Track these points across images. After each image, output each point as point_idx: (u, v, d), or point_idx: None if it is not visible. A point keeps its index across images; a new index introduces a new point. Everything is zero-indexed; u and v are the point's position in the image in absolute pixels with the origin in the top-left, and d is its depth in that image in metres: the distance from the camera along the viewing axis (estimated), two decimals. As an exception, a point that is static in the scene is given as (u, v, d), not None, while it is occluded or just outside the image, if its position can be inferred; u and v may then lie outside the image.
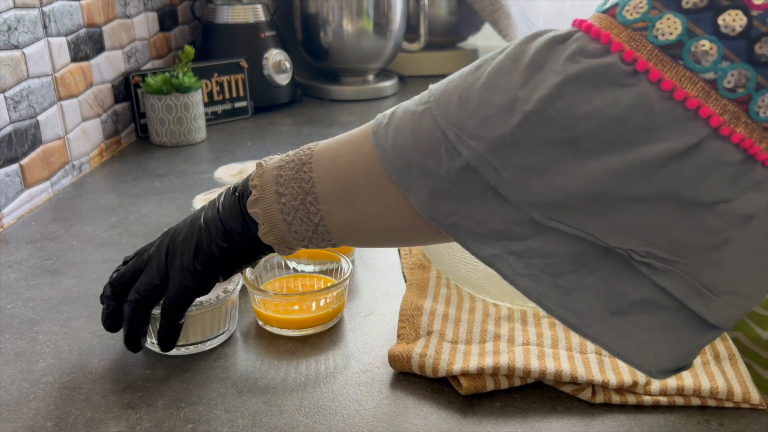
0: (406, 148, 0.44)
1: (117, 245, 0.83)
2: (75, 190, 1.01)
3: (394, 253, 0.80)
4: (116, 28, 1.18)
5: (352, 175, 0.47)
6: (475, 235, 0.42)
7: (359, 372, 0.59)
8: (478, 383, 0.55)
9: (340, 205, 0.48)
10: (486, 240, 0.42)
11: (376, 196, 0.46)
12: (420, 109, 0.44)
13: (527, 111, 0.38)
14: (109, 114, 1.16)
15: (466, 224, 0.43)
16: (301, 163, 0.49)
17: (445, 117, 0.42)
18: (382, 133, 0.45)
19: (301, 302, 0.65)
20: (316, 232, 0.49)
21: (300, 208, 0.49)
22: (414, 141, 0.43)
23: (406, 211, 0.45)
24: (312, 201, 0.48)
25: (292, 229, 0.50)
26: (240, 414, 0.53)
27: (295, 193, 0.49)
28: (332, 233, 0.49)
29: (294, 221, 0.49)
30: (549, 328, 0.61)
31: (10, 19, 0.87)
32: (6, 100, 0.87)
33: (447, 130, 0.42)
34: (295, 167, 0.49)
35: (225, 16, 1.39)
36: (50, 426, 0.52)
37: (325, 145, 0.50)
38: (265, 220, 0.50)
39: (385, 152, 0.45)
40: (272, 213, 0.50)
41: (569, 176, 0.38)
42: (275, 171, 0.50)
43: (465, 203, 0.42)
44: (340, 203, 0.47)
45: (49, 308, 0.69)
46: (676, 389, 0.54)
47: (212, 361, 0.60)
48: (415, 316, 0.63)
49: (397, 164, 0.44)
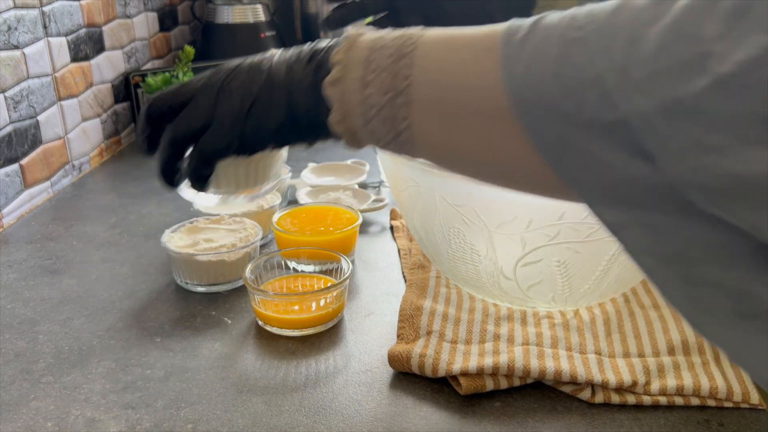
0: (542, 79, 0.35)
1: (117, 245, 0.83)
2: (75, 190, 1.01)
3: (394, 253, 0.80)
4: (116, 28, 1.18)
5: (462, 90, 0.39)
6: (604, 196, 0.36)
7: (359, 372, 0.59)
8: (478, 383, 0.55)
9: (436, 121, 0.40)
10: (616, 204, 0.36)
11: (486, 123, 0.38)
12: (572, 35, 0.35)
13: (721, 73, 0.30)
14: (109, 114, 1.16)
15: (595, 182, 0.36)
16: (399, 54, 0.40)
17: (606, 55, 0.34)
18: (514, 50, 0.37)
19: (301, 302, 0.65)
20: (397, 140, 0.42)
21: (386, 108, 0.41)
22: (555, 74, 0.35)
23: (519, 149, 0.38)
24: (403, 104, 0.40)
25: (368, 127, 0.42)
26: (240, 414, 0.53)
27: (385, 89, 0.41)
28: (416, 147, 0.42)
29: (374, 119, 0.41)
30: (549, 328, 0.61)
31: (10, 19, 0.88)
32: (6, 100, 0.87)
33: (606, 72, 0.33)
34: (391, 56, 0.41)
35: (225, 16, 1.39)
36: (50, 426, 0.52)
37: (433, 40, 0.40)
38: (341, 106, 0.42)
39: (512, 76, 0.36)
40: (352, 102, 0.42)
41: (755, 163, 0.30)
42: (365, 53, 0.42)
43: (602, 162, 0.35)
44: (438, 118, 0.40)
45: (49, 308, 0.69)
46: (676, 389, 0.54)
47: (212, 361, 0.60)
48: (415, 316, 0.63)
49: (525, 94, 0.36)
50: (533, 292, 0.61)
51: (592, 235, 0.55)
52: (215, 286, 0.72)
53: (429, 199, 0.59)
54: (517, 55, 0.36)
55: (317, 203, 0.85)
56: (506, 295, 0.63)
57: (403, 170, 0.60)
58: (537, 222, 0.55)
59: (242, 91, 0.46)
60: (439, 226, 0.60)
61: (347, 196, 0.90)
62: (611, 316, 0.63)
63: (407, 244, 0.80)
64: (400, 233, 0.84)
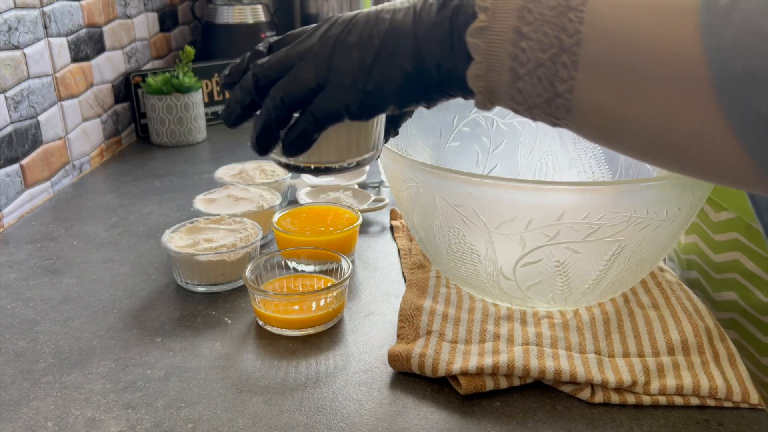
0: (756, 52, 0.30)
1: (117, 245, 0.83)
2: (75, 190, 1.01)
3: (394, 253, 0.80)
4: (116, 29, 1.18)
5: (646, 55, 0.33)
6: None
7: (359, 372, 0.59)
8: (478, 383, 0.55)
9: (606, 86, 0.35)
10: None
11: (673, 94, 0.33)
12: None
13: None
14: (109, 114, 1.16)
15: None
16: (567, 7, 0.35)
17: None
18: (718, 16, 0.31)
19: (301, 302, 0.65)
20: (550, 103, 0.37)
21: (545, 66, 0.36)
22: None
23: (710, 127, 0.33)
24: (567, 63, 0.35)
25: (516, 85, 0.37)
26: (240, 414, 0.53)
27: (547, 44, 0.36)
28: (571, 113, 0.37)
29: (526, 76, 0.37)
30: (549, 328, 0.61)
31: (11, 19, 0.88)
32: (6, 100, 0.87)
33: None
34: (556, 7, 0.35)
35: (225, 16, 1.39)
36: (51, 426, 0.52)
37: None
38: (486, 58, 0.38)
39: (718, 45, 0.31)
40: (500, 54, 0.37)
41: None
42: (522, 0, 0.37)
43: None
44: (609, 84, 0.35)
45: (50, 308, 0.69)
46: (675, 389, 0.54)
47: (212, 361, 0.60)
48: (415, 315, 0.63)
49: (735, 68, 0.31)
50: (533, 292, 0.61)
51: (592, 235, 0.55)
52: (215, 286, 0.72)
53: (429, 199, 0.59)
54: (724, 19, 0.31)
55: (317, 203, 0.85)
56: (506, 295, 0.63)
57: (403, 170, 0.60)
58: (537, 222, 0.55)
59: (362, 44, 0.41)
60: (439, 226, 0.60)
61: (347, 196, 0.90)
62: (611, 316, 0.63)
63: (407, 244, 0.80)
64: (400, 233, 0.84)
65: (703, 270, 0.76)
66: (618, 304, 0.65)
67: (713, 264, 0.75)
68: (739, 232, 0.71)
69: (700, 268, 0.77)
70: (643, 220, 0.55)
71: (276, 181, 0.91)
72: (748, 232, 0.69)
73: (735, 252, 0.71)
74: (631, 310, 0.64)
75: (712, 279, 0.75)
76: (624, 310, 0.64)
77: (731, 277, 0.72)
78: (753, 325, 0.71)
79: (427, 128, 0.78)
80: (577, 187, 0.53)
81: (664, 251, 0.61)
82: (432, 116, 0.78)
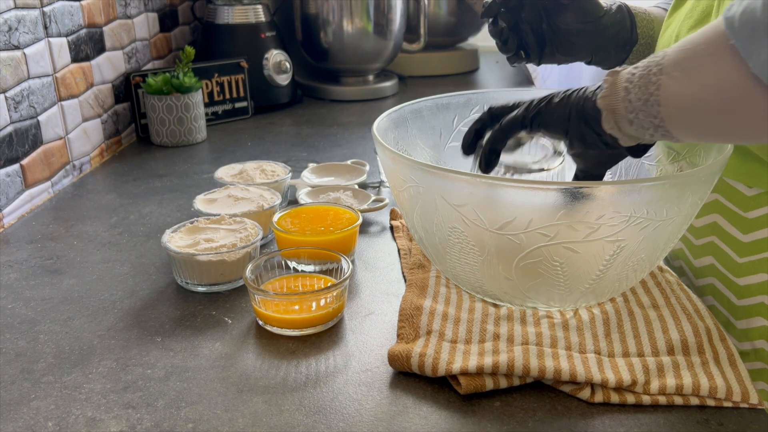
0: (754, 13, 0.43)
1: (117, 245, 0.83)
2: (75, 190, 1.01)
3: (394, 253, 0.80)
4: (117, 29, 1.18)
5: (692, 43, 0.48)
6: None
7: (359, 372, 0.59)
8: (477, 382, 0.55)
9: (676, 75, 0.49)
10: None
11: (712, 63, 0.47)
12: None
13: None
14: (109, 114, 1.16)
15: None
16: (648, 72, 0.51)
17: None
18: (750, 42, 0.45)
19: (301, 302, 0.65)
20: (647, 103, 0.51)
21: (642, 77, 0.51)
22: (765, 4, 0.43)
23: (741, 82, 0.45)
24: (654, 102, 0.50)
25: (628, 117, 0.52)
26: (240, 414, 0.53)
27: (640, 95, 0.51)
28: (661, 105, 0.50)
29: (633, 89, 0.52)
30: (548, 327, 0.61)
31: (11, 19, 0.88)
32: (7, 101, 0.87)
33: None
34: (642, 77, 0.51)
35: (225, 16, 1.39)
36: (51, 425, 0.52)
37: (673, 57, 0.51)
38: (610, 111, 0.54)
39: (732, 21, 0.45)
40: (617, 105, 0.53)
41: None
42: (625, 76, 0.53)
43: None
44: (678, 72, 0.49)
45: (50, 308, 0.69)
46: (675, 389, 0.54)
47: (212, 360, 0.60)
48: (415, 315, 0.63)
49: (742, 30, 0.44)
50: (533, 292, 0.61)
51: (592, 235, 0.55)
52: (215, 286, 0.72)
53: (429, 199, 0.59)
54: (757, 45, 0.44)
55: (317, 203, 0.85)
56: (506, 295, 0.63)
57: (403, 170, 0.60)
58: (537, 222, 0.55)
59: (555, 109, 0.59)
60: (439, 226, 0.61)
61: (347, 196, 0.90)
62: (611, 316, 0.63)
63: (407, 244, 0.81)
64: (400, 233, 0.84)
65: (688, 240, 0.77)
66: (618, 304, 0.65)
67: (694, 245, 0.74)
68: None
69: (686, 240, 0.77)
70: (643, 220, 0.55)
71: (276, 181, 0.91)
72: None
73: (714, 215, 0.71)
74: (631, 310, 0.64)
75: (694, 246, 0.74)
76: (624, 310, 0.64)
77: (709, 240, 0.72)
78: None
79: (427, 128, 0.78)
80: (577, 188, 0.53)
81: (664, 251, 0.61)
82: (432, 116, 0.78)
